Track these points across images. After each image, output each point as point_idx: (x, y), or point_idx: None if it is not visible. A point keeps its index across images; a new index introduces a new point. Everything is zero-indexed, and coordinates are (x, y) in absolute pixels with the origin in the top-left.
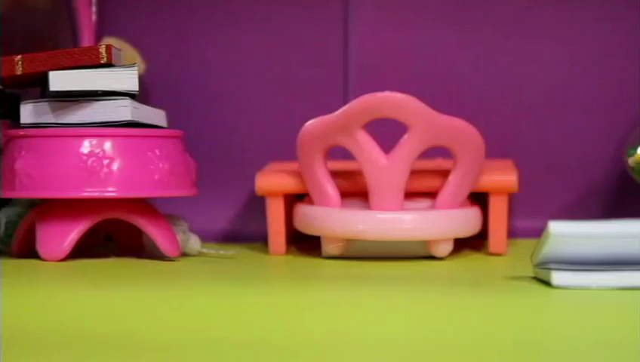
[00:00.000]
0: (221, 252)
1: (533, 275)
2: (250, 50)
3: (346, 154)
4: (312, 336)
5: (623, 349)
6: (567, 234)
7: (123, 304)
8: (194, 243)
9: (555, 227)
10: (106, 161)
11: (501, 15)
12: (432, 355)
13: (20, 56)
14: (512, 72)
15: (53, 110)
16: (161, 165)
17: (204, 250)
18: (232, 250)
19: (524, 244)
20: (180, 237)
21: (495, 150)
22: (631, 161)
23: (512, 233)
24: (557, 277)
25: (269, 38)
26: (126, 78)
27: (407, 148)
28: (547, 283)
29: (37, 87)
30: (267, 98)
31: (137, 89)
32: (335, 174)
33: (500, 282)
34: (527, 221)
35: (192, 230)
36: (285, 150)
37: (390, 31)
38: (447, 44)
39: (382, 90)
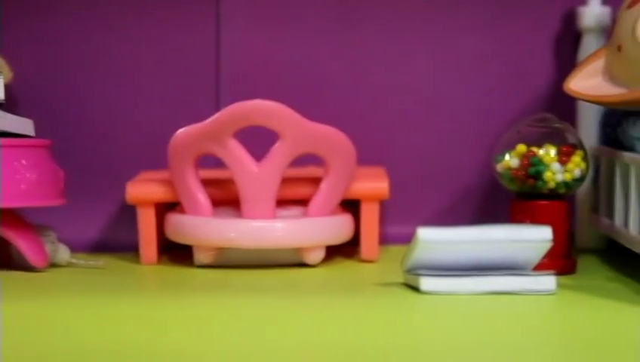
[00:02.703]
0: (90, 262)
1: (403, 281)
2: (122, 60)
3: (219, 163)
4: (182, 346)
5: (488, 352)
6: (435, 241)
7: None
8: (63, 253)
9: (424, 233)
10: None
11: (374, 24)
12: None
13: None
14: (384, 80)
15: None
16: (27, 175)
17: (74, 261)
18: (101, 261)
19: (395, 251)
20: (48, 247)
21: (367, 157)
22: (499, 167)
23: (385, 239)
24: (425, 282)
25: (142, 47)
26: None
27: (278, 156)
28: (416, 288)
29: None
30: (140, 107)
31: (3, 98)
32: (206, 183)
33: (371, 288)
34: (399, 227)
35: (62, 240)
36: (158, 159)
37: (263, 40)
38: (320, 53)
39: (255, 99)
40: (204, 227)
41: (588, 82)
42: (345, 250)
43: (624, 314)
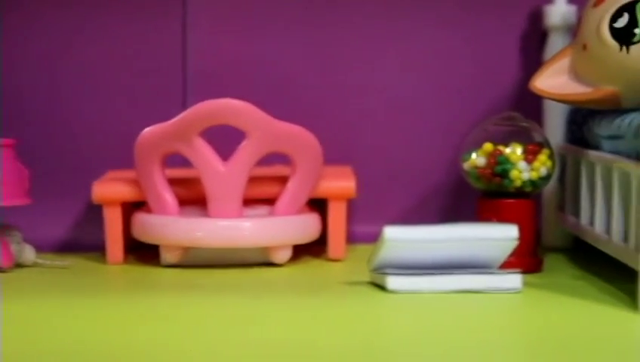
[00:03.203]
0: (56, 262)
1: (370, 280)
2: (88, 58)
3: (186, 162)
4: (148, 346)
5: (453, 350)
6: (401, 239)
7: None
8: (28, 253)
9: (390, 232)
10: None
11: (342, 23)
12: (271, 360)
13: None
14: (352, 79)
15: None
16: None
17: (39, 261)
18: (67, 260)
19: (363, 250)
20: (13, 248)
21: (335, 156)
22: (466, 165)
23: (352, 238)
24: (392, 281)
25: (108, 45)
26: None
27: (245, 155)
28: (383, 287)
29: None
30: (106, 106)
31: None
32: (173, 182)
33: (338, 287)
34: (366, 226)
35: (28, 240)
36: (124, 158)
37: (230, 39)
38: (288, 52)
39: (222, 98)
40: (171, 226)
41: (554, 81)
42: (312, 249)
43: (589, 312)
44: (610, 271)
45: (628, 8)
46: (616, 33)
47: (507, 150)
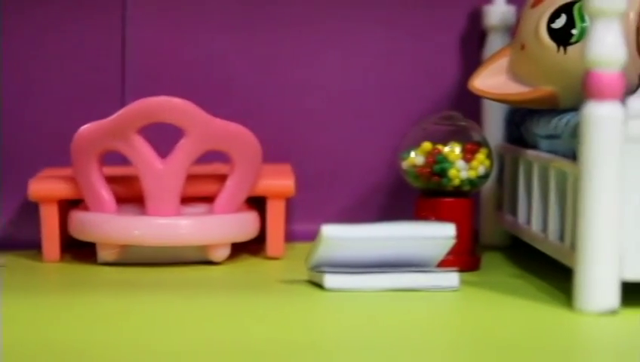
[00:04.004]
0: None
1: (308, 278)
2: (25, 53)
3: (124, 160)
4: (85, 345)
5: (390, 348)
6: (339, 238)
7: None
8: None
9: (327, 231)
10: None
11: (282, 20)
12: (207, 359)
13: None
14: (292, 77)
15: None
16: None
17: None
18: (2, 258)
19: (302, 248)
20: None
21: (274, 155)
22: (404, 164)
23: (292, 236)
24: (329, 279)
25: (46, 41)
26: None
27: (183, 152)
28: (321, 286)
29: None
30: (43, 102)
31: None
32: (111, 180)
33: (276, 286)
34: (305, 225)
35: None
36: (61, 156)
37: (169, 37)
38: (228, 49)
39: (160, 95)
40: (108, 224)
41: (492, 80)
42: (251, 248)
43: (525, 310)
44: (547, 269)
45: (565, 9)
46: (553, 34)
47: (446, 149)
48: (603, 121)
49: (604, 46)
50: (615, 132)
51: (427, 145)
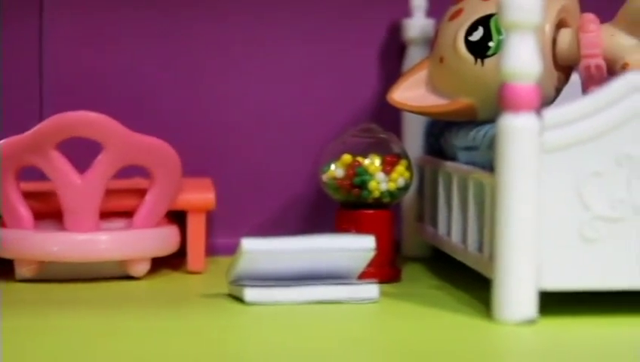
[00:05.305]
0: None
1: (228, 292)
2: None
3: (42, 175)
4: None
5: (309, 361)
6: (259, 251)
7: None
8: None
9: (247, 244)
10: None
11: (201, 33)
12: None
13: None
14: (212, 90)
15: None
16: None
17: None
18: None
19: (223, 262)
20: None
21: (194, 169)
22: (325, 177)
23: (214, 251)
24: (249, 293)
25: None
26: None
27: (102, 167)
28: (241, 299)
29: None
30: None
31: None
32: (28, 195)
33: (196, 300)
34: (227, 238)
35: None
36: None
37: (88, 51)
38: (147, 63)
39: (79, 110)
40: (26, 240)
41: (411, 93)
42: (171, 262)
43: (445, 321)
44: (467, 280)
45: (483, 22)
46: (471, 46)
47: (366, 161)
48: (519, 133)
49: (520, 58)
50: (531, 143)
51: (347, 158)
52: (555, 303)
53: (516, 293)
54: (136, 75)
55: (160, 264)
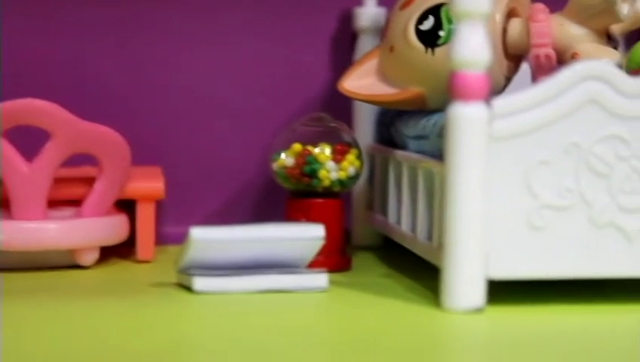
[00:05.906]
0: None
1: (177, 281)
2: None
3: None
4: None
5: (258, 351)
6: (208, 240)
7: None
8: None
9: (196, 233)
10: None
11: (150, 22)
12: None
13: None
14: (161, 79)
15: None
16: None
17: None
18: None
19: (172, 251)
20: None
21: (144, 157)
22: (275, 166)
23: (163, 240)
24: (198, 282)
25: None
26: None
27: (49, 155)
28: (190, 288)
29: None
30: None
31: None
32: None
33: (145, 289)
34: (176, 227)
35: None
36: None
37: (36, 39)
38: (96, 51)
39: (26, 98)
40: None
41: (362, 82)
42: (120, 251)
43: (394, 309)
44: (417, 269)
45: (433, 11)
46: (422, 35)
47: (316, 150)
48: (468, 121)
49: (470, 47)
50: (480, 132)
51: (297, 147)
52: (503, 292)
53: (464, 282)
54: (85, 63)
55: (109, 253)
